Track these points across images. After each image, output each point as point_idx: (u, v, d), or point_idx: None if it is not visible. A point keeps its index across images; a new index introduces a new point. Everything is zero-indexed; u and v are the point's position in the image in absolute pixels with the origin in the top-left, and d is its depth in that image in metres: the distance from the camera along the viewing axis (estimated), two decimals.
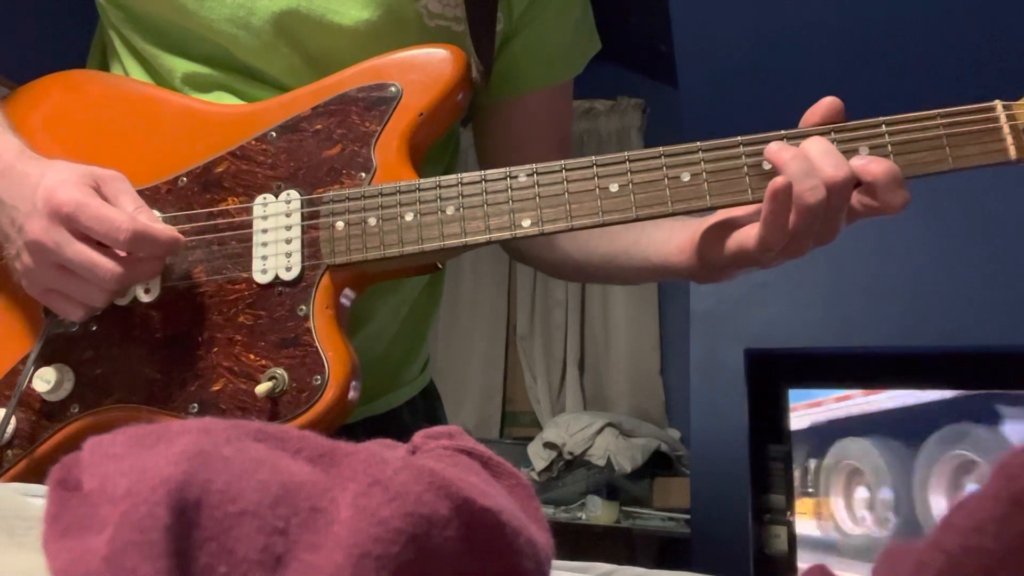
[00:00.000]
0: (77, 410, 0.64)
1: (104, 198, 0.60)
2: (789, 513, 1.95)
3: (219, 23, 0.71)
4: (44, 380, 0.63)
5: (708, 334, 2.05)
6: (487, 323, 3.45)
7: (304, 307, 0.62)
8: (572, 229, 0.61)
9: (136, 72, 0.77)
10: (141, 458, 0.29)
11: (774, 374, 2.03)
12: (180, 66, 0.73)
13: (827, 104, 0.60)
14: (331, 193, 0.64)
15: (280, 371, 0.61)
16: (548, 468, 2.88)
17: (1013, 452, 0.26)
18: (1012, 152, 0.57)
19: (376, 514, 0.27)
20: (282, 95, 0.70)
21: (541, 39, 0.81)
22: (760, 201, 0.59)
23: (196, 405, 0.62)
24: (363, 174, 0.65)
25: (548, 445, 2.91)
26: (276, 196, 0.65)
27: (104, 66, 0.82)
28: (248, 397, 0.61)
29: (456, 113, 0.70)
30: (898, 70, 1.79)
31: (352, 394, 0.61)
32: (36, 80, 0.75)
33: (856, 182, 0.57)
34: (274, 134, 0.67)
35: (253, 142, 0.67)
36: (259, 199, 0.65)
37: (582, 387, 3.29)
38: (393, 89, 0.66)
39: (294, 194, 0.65)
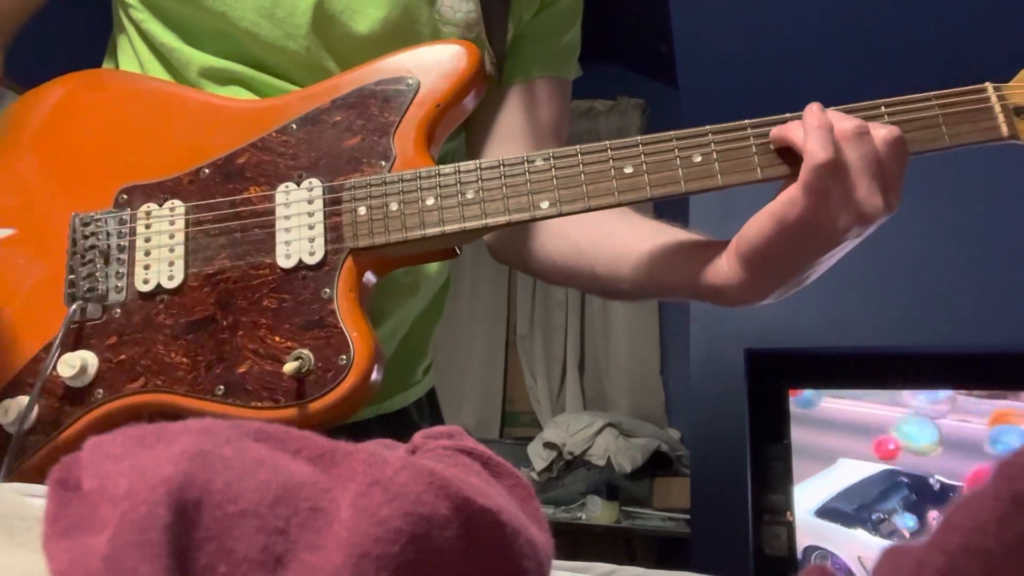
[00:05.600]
0: (101, 395, 0.64)
1: None
2: (789, 513, 1.95)
3: (243, 11, 0.73)
4: (68, 365, 0.63)
5: (708, 334, 2.05)
6: (487, 323, 3.45)
7: (328, 290, 0.63)
8: (590, 209, 0.63)
9: (153, 66, 0.78)
10: (141, 458, 0.29)
11: (774, 374, 2.03)
12: (197, 59, 0.75)
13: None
14: (352, 180, 0.66)
15: (306, 352, 0.61)
16: (548, 468, 2.88)
17: (1014, 452, 0.26)
18: (1004, 130, 0.61)
19: (376, 514, 0.27)
20: (301, 90, 0.72)
21: (544, 34, 0.85)
22: (768, 179, 0.61)
23: (222, 387, 0.63)
24: (383, 162, 0.66)
25: (548, 445, 2.91)
26: (298, 184, 0.67)
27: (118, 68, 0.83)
28: (274, 378, 0.62)
29: (472, 104, 0.71)
30: (896, 72, 1.79)
31: (375, 375, 0.62)
32: (57, 78, 0.75)
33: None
34: (294, 126, 0.69)
35: (274, 134, 0.69)
36: (281, 187, 0.67)
37: (582, 387, 3.29)
38: (411, 81, 0.68)
39: (316, 182, 0.66)
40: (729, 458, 1.98)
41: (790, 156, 0.61)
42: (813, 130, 0.58)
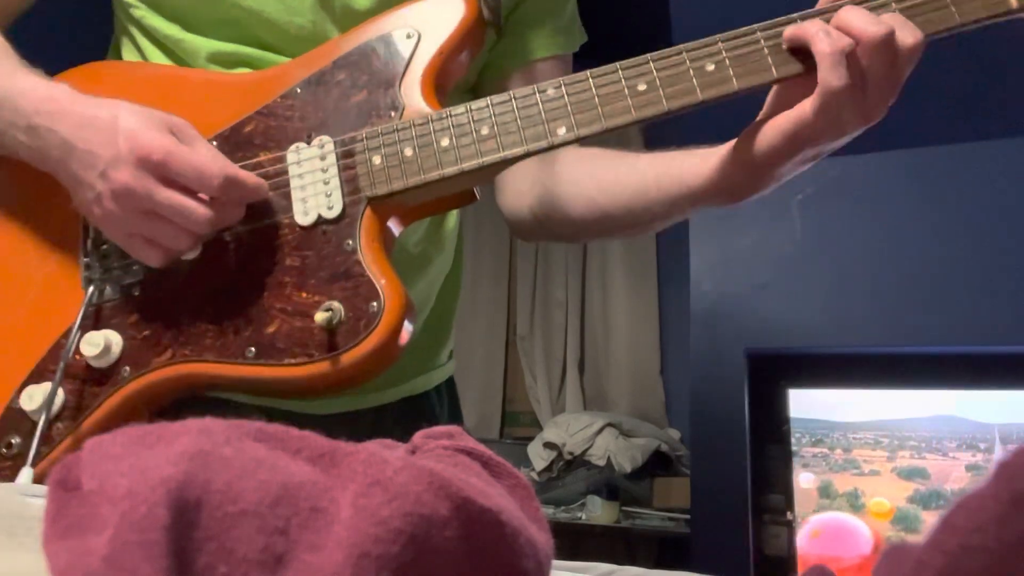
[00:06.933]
0: (129, 372, 0.63)
1: (180, 135, 0.61)
2: (789, 513, 1.95)
3: None
4: (92, 345, 0.62)
5: (708, 334, 2.05)
6: (487, 323, 3.45)
7: (351, 241, 0.63)
8: (607, 131, 0.62)
9: (159, 60, 0.78)
10: (141, 458, 0.29)
11: (774, 374, 2.03)
12: (204, 46, 0.75)
13: None
14: (365, 131, 0.66)
15: (336, 303, 0.61)
16: (548, 468, 2.88)
17: (1013, 452, 0.26)
18: (1013, 2, 0.60)
19: (376, 514, 0.28)
20: (300, 57, 0.72)
21: (544, 9, 0.85)
22: (785, 77, 0.61)
23: (253, 348, 0.62)
24: (392, 112, 0.66)
25: (548, 445, 2.91)
26: (308, 143, 0.66)
27: None
28: (305, 333, 0.61)
29: (474, 51, 0.72)
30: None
31: (408, 323, 0.61)
32: (57, 76, 0.75)
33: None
34: (299, 90, 0.69)
35: (279, 99, 0.69)
36: (291, 148, 0.67)
37: (582, 387, 3.29)
38: (411, 33, 0.69)
39: (326, 138, 0.66)
40: (729, 458, 1.98)
41: (802, 53, 0.60)
42: (825, 56, 0.58)
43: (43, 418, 0.61)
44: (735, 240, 2.04)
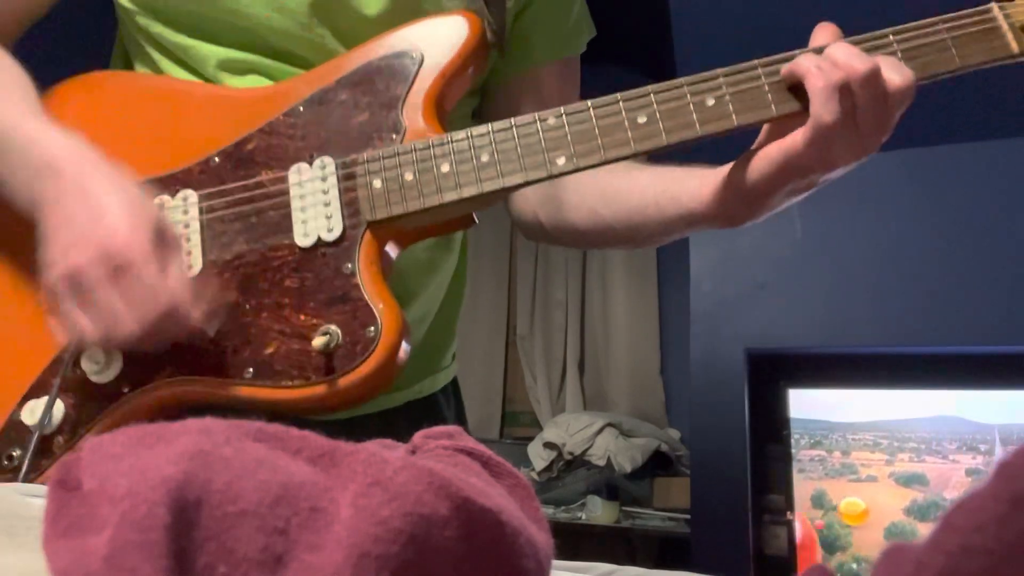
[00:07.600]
0: (128, 389, 0.64)
1: (158, 251, 0.59)
2: (789, 513, 1.95)
3: (253, 7, 0.73)
4: (93, 361, 0.63)
5: (708, 334, 2.05)
6: (487, 323, 3.45)
7: (349, 264, 0.63)
8: (606, 162, 0.63)
9: (169, 67, 0.78)
10: (141, 458, 0.29)
11: (774, 374, 2.03)
12: (214, 53, 0.75)
13: (826, 30, 0.63)
14: (366, 155, 0.66)
15: (333, 327, 0.61)
16: (548, 468, 2.88)
17: (1014, 452, 0.26)
18: (1014, 47, 0.62)
19: (376, 514, 0.28)
20: (305, 73, 0.72)
21: (549, 12, 0.85)
22: (783, 115, 0.61)
23: (251, 369, 0.63)
24: (394, 135, 0.67)
25: (548, 445, 2.90)
26: (310, 164, 0.67)
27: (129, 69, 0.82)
28: (303, 356, 0.62)
29: (476, 72, 0.72)
30: None
31: (404, 346, 0.62)
32: (58, 85, 0.75)
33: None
34: (301, 108, 0.69)
35: (281, 117, 0.69)
36: (293, 168, 0.67)
37: (582, 387, 3.29)
38: (414, 54, 0.69)
39: (328, 160, 0.66)
40: (729, 458, 1.98)
41: (800, 90, 0.61)
42: (818, 91, 0.58)
43: (36, 434, 0.61)
44: (735, 240, 2.04)
